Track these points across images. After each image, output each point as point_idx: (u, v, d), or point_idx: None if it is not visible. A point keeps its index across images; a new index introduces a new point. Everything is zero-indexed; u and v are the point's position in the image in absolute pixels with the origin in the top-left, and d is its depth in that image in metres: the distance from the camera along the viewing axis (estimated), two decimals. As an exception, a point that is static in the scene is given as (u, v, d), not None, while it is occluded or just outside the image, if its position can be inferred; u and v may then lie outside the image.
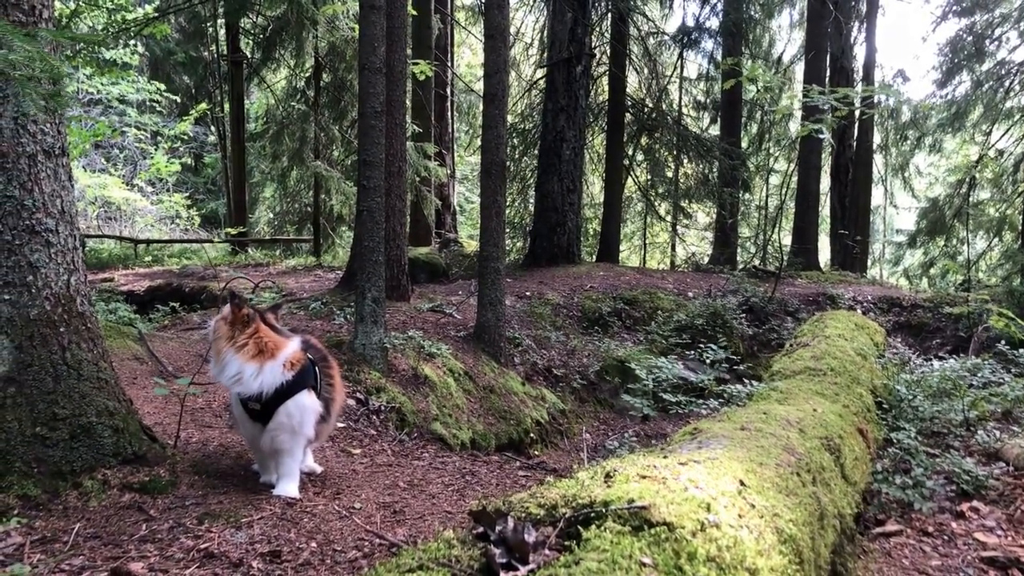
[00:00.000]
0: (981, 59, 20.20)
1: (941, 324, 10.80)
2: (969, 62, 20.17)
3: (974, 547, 2.95)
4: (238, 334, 3.40)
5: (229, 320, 3.44)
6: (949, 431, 4.27)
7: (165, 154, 21.40)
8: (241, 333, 3.40)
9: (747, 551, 1.59)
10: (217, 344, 3.41)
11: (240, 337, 3.39)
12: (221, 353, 3.37)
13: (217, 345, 3.40)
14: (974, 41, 19.92)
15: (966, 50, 19.95)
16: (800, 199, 17.72)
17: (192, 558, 2.78)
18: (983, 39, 19.99)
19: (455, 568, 1.48)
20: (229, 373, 3.34)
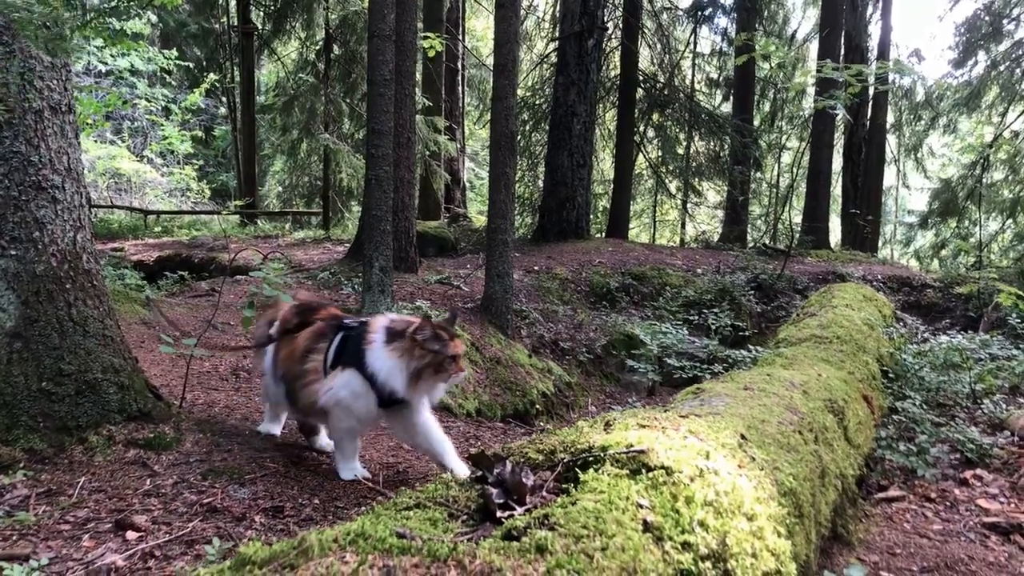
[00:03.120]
0: (999, 39, 19.97)
1: (951, 304, 10.74)
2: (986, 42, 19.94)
3: (976, 513, 2.95)
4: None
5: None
6: (955, 402, 4.26)
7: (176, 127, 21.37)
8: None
9: (745, 497, 1.59)
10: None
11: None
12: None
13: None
14: (992, 21, 19.68)
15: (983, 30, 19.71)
16: (812, 178, 17.61)
17: (195, 512, 2.80)
18: (1001, 19, 19.75)
19: (452, 508, 1.48)
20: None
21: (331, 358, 3.19)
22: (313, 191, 19.52)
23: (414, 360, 3.01)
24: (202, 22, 22.56)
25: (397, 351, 3.03)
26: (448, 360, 3.04)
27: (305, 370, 3.23)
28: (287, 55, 19.21)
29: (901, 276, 11.80)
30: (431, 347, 3.02)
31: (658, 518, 1.41)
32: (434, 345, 3.01)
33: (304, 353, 3.28)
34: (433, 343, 3.01)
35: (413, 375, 3.01)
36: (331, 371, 3.15)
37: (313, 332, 3.33)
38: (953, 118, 21.39)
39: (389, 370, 3.02)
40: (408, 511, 1.43)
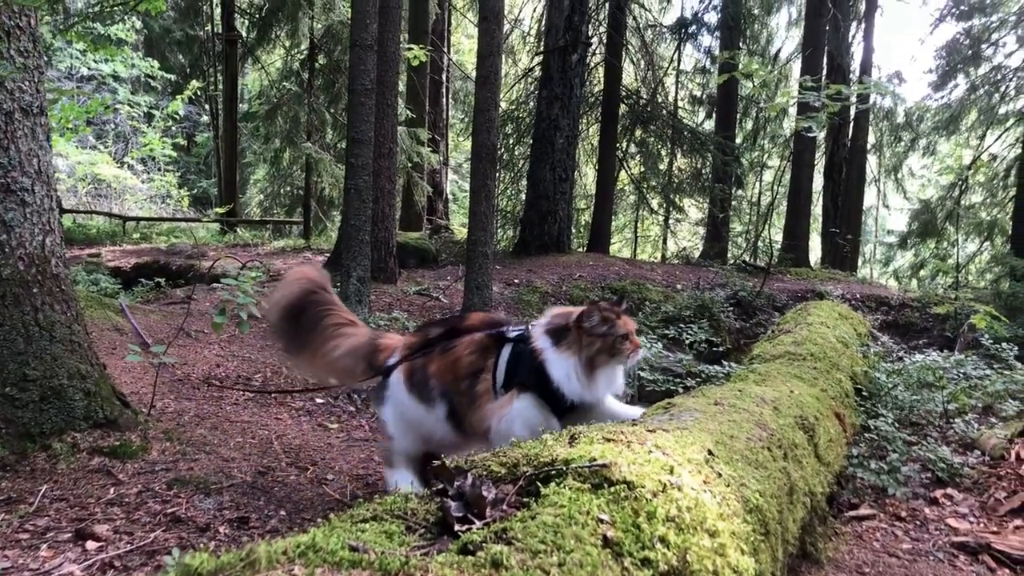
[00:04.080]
0: (978, 63, 20.23)
1: (928, 324, 10.81)
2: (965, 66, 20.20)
3: (946, 532, 2.95)
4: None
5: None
6: (928, 421, 4.27)
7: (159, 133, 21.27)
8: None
9: (708, 514, 1.57)
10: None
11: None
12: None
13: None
14: (971, 44, 19.94)
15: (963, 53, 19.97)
16: (792, 197, 17.73)
17: (158, 522, 2.76)
18: (980, 43, 20.01)
19: (410, 520, 1.46)
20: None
21: (501, 377, 2.92)
22: (295, 200, 19.45)
23: (584, 350, 2.80)
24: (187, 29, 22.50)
25: (567, 348, 2.82)
26: (619, 340, 2.81)
27: (476, 392, 2.93)
28: (271, 63, 19.17)
29: (879, 295, 11.86)
30: (599, 331, 2.80)
31: (618, 533, 1.39)
32: (602, 328, 2.80)
33: (472, 373, 2.96)
34: (600, 326, 2.80)
35: (587, 366, 2.79)
36: (502, 392, 2.90)
37: (476, 346, 3.01)
38: (933, 140, 21.63)
39: (563, 376, 2.80)
40: (364, 523, 1.40)
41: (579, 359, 2.79)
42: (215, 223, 17.76)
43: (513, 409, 2.81)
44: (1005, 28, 20.00)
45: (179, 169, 23.88)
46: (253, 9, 18.11)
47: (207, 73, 21.51)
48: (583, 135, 17.33)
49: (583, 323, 2.81)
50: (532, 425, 2.77)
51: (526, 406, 2.82)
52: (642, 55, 17.63)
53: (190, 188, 23.19)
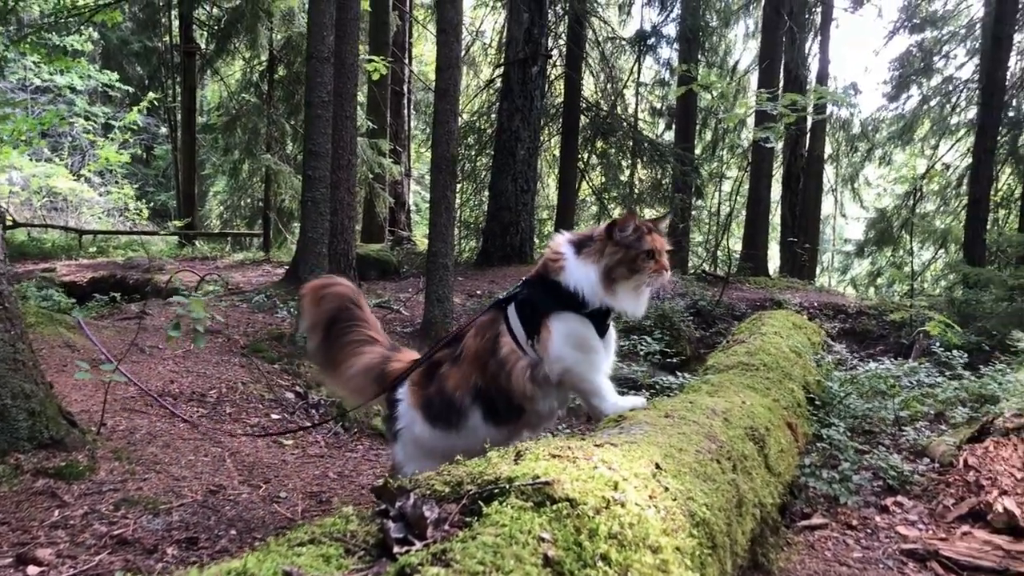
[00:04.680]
0: (930, 75, 20.72)
1: (885, 331, 10.96)
2: (918, 77, 20.67)
3: (896, 540, 2.98)
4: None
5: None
6: (881, 429, 4.33)
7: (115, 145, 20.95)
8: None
9: (651, 529, 1.57)
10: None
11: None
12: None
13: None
14: (923, 57, 20.42)
15: (915, 65, 20.42)
16: (751, 206, 17.95)
17: (104, 544, 2.70)
18: (932, 55, 20.49)
19: (349, 543, 1.44)
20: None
21: (521, 332, 2.72)
22: (255, 212, 19.28)
23: (605, 259, 2.61)
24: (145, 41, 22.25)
25: (588, 256, 2.65)
26: (643, 256, 2.62)
27: (502, 359, 2.70)
28: (231, 75, 19.01)
29: (837, 303, 12.02)
30: (626, 241, 2.62)
31: (560, 552, 1.38)
32: (629, 237, 2.62)
33: (489, 349, 2.75)
34: (628, 236, 2.62)
35: (605, 275, 2.61)
36: (528, 345, 2.70)
37: (480, 327, 2.85)
38: (888, 150, 22.08)
39: (582, 278, 2.62)
40: (302, 547, 1.38)
41: (599, 267, 2.63)
42: (174, 236, 17.53)
43: (552, 336, 2.63)
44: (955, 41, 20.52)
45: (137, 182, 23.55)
46: (212, 21, 17.96)
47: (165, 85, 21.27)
48: (545, 146, 17.40)
49: (613, 230, 2.65)
50: (581, 339, 2.66)
51: (564, 324, 2.65)
52: (602, 67, 17.76)
53: (149, 201, 22.87)
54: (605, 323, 2.77)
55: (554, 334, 2.64)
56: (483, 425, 2.75)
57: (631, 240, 2.64)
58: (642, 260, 2.64)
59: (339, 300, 3.17)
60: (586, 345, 2.68)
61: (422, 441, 2.84)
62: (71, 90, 20.23)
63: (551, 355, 2.63)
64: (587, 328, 2.67)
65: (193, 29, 18.20)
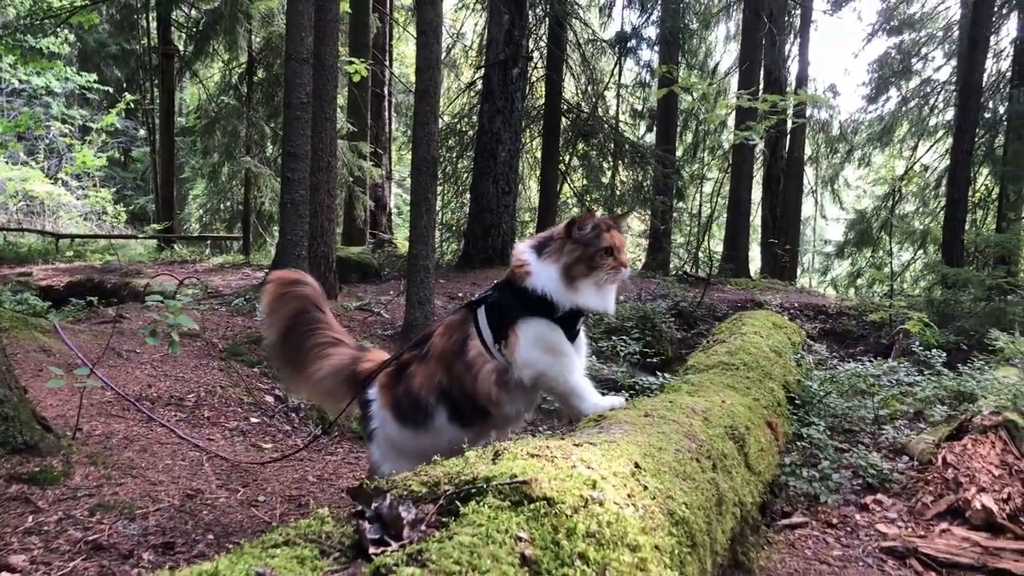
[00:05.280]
0: (908, 77, 20.89)
1: (865, 332, 11.02)
2: (897, 79, 20.82)
3: (875, 538, 2.99)
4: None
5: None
6: (861, 428, 4.35)
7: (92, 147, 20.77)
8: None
9: (629, 528, 1.56)
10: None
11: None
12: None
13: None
14: (902, 59, 20.58)
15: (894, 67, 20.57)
16: (732, 208, 18.03)
17: (79, 550, 2.66)
18: (910, 57, 20.67)
19: (324, 544, 1.42)
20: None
21: (489, 335, 2.70)
22: (235, 215, 19.16)
23: (564, 257, 2.62)
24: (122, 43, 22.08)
25: (549, 256, 2.66)
26: (601, 253, 2.62)
27: (469, 361, 2.68)
28: (210, 77, 18.90)
29: (817, 304, 12.08)
30: (583, 238, 2.63)
31: (537, 551, 1.37)
32: (587, 235, 2.63)
33: (456, 351, 2.73)
34: (587, 234, 2.63)
35: (565, 273, 2.61)
36: (496, 349, 2.67)
37: (448, 326, 2.83)
38: (868, 151, 22.23)
39: (548, 280, 2.62)
40: (276, 548, 1.36)
41: (558, 266, 2.63)
42: (152, 240, 17.39)
43: (520, 341, 2.63)
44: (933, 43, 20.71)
45: (115, 185, 23.35)
46: (190, 23, 17.85)
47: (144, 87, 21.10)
48: (526, 148, 17.41)
49: (571, 229, 2.65)
50: (550, 343, 2.64)
51: (531, 328, 2.64)
52: (583, 69, 17.78)
53: (127, 204, 22.69)
54: (575, 327, 2.77)
55: (521, 339, 2.63)
56: (448, 426, 2.74)
57: (589, 238, 2.65)
58: (600, 257, 2.65)
59: (302, 302, 3.12)
60: (556, 348, 2.67)
61: (394, 441, 2.83)
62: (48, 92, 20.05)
63: (519, 360, 2.63)
64: (555, 332, 2.67)
65: (171, 31, 18.07)
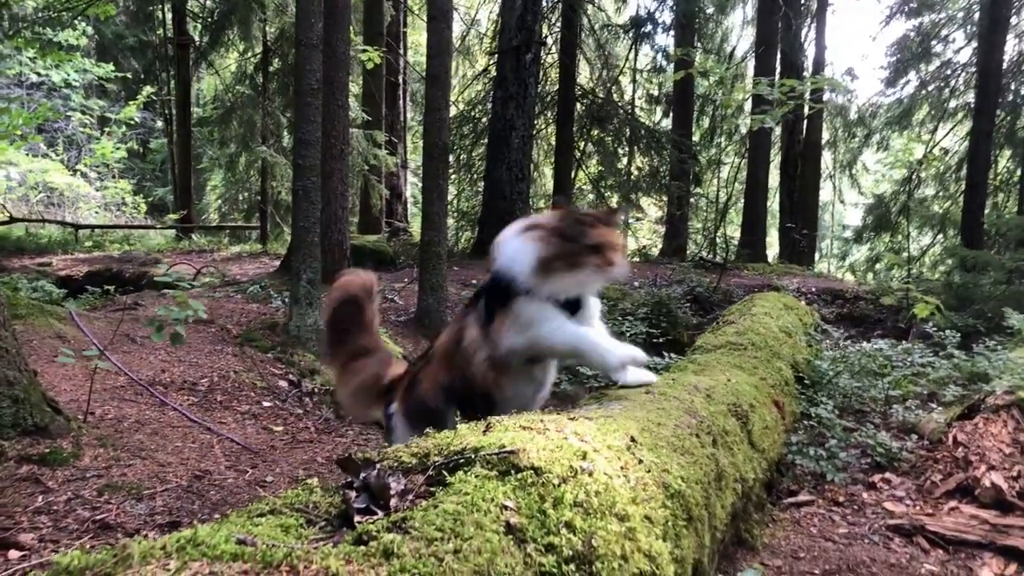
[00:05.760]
0: (928, 59, 20.59)
1: (883, 316, 10.93)
2: (916, 62, 20.53)
3: (882, 516, 2.97)
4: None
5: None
6: (871, 409, 4.31)
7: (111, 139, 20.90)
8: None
9: (618, 498, 1.56)
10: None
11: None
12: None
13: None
14: (921, 41, 20.29)
15: (913, 50, 20.30)
16: (749, 193, 17.91)
17: (87, 529, 2.69)
18: (930, 39, 20.37)
19: (311, 514, 1.42)
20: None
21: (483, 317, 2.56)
22: (252, 205, 19.27)
23: (545, 247, 2.43)
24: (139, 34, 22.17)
25: (531, 238, 2.48)
26: (585, 250, 2.43)
27: (463, 351, 2.57)
28: (225, 67, 18.95)
29: (835, 288, 12.00)
30: (566, 233, 2.45)
31: (522, 519, 1.37)
32: (570, 230, 2.45)
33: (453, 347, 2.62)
34: (569, 228, 2.46)
35: (541, 265, 2.41)
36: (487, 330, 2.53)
37: (450, 325, 2.75)
38: (886, 135, 21.95)
39: (515, 253, 2.47)
40: (261, 517, 1.37)
41: (535, 251, 2.44)
42: (171, 230, 17.51)
43: (500, 320, 2.49)
44: (954, 24, 20.40)
45: (134, 176, 23.50)
46: (205, 13, 17.90)
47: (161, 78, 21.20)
48: (540, 135, 17.34)
49: (557, 221, 2.50)
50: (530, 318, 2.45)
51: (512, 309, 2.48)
52: (597, 54, 17.67)
53: (146, 195, 22.83)
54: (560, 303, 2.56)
55: (501, 317, 2.51)
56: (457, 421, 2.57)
57: (572, 233, 2.47)
58: (584, 255, 2.45)
59: (345, 292, 3.04)
60: (538, 319, 2.47)
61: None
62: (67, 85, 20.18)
63: (501, 340, 2.50)
64: (531, 305, 2.47)
65: (186, 21, 18.13)
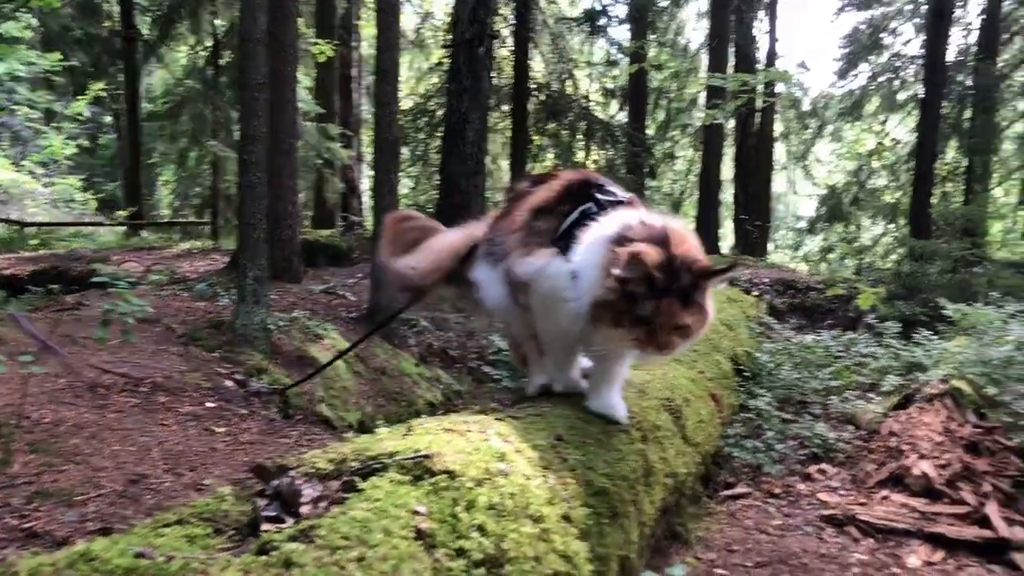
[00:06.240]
0: (878, 51, 20.95)
1: (833, 306, 11.10)
2: (867, 54, 20.89)
3: (816, 506, 3.02)
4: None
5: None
6: (813, 400, 4.38)
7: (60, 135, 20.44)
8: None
9: (533, 500, 1.56)
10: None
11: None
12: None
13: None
14: (871, 34, 20.64)
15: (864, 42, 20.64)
16: (703, 185, 18.08)
17: (13, 538, 2.63)
18: (880, 31, 20.73)
19: (220, 523, 1.41)
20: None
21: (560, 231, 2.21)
22: (205, 201, 18.97)
23: (599, 286, 2.01)
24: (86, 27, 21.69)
25: (599, 254, 2.05)
26: (632, 320, 1.98)
27: (536, 229, 2.26)
28: (176, 62, 18.64)
29: (787, 279, 12.15)
30: (628, 287, 1.95)
31: (433, 524, 1.37)
32: (635, 287, 1.94)
33: (535, 212, 2.29)
34: (635, 284, 1.94)
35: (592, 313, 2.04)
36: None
37: (547, 190, 2.34)
38: (838, 126, 22.35)
39: (583, 265, 2.09)
40: (167, 527, 1.35)
41: (589, 284, 2.05)
42: (121, 226, 17.20)
43: (545, 257, 2.19)
44: (902, 17, 20.77)
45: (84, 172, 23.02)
46: (154, 6, 17.57)
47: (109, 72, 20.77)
48: (496, 128, 17.32)
49: (629, 260, 1.93)
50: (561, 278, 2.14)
51: (558, 261, 2.17)
52: (552, 48, 17.70)
53: (96, 191, 22.37)
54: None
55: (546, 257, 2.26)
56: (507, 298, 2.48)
57: (637, 292, 2.00)
58: (626, 324, 2.05)
59: (419, 233, 2.86)
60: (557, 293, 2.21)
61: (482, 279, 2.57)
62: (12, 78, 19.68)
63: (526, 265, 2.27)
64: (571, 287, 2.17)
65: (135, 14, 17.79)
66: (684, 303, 1.96)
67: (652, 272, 1.91)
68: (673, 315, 1.96)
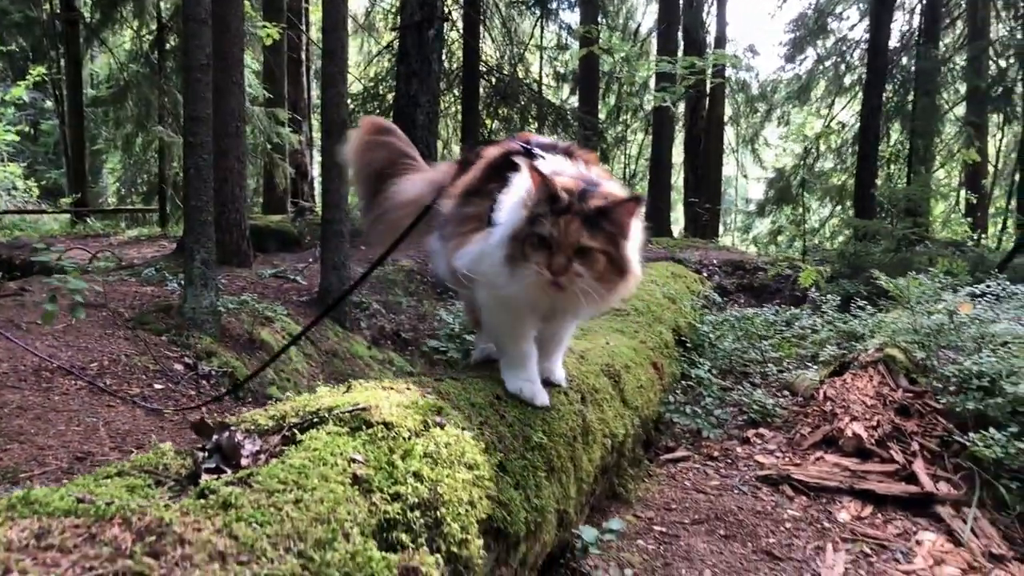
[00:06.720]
0: (825, 35, 21.29)
1: (780, 285, 11.34)
2: (813, 38, 21.21)
3: (753, 468, 3.13)
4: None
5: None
6: (753, 370, 4.51)
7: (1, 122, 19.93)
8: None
9: (468, 449, 1.62)
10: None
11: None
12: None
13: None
14: (818, 18, 20.96)
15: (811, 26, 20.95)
16: (654, 169, 18.28)
17: (-44, 517, 2.62)
18: (826, 16, 21.07)
19: (161, 475, 1.44)
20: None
21: (497, 209, 2.06)
22: (152, 187, 18.67)
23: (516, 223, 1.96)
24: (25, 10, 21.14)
25: (520, 195, 1.99)
26: (530, 238, 1.91)
27: (466, 216, 2.15)
28: (119, 46, 18.27)
29: (735, 260, 12.38)
30: (536, 210, 1.91)
31: (370, 471, 1.42)
32: (540, 209, 1.90)
33: (465, 196, 2.20)
34: (541, 206, 1.90)
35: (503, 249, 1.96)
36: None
37: (485, 165, 2.24)
38: (786, 110, 22.67)
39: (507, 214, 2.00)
40: (108, 479, 1.38)
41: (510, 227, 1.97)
42: (65, 214, 16.85)
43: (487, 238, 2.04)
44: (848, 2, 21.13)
45: (26, 159, 22.47)
46: (95, -13, 17.18)
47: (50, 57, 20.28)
48: (447, 112, 17.29)
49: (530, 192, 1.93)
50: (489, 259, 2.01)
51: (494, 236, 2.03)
52: (502, 31, 17.69)
53: (39, 179, 21.86)
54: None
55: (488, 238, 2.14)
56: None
57: (535, 210, 1.94)
58: (528, 244, 1.96)
59: (389, 153, 2.77)
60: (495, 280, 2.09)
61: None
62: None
63: (464, 255, 2.17)
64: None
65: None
66: (588, 226, 1.87)
67: (557, 192, 1.87)
68: (571, 233, 1.86)
